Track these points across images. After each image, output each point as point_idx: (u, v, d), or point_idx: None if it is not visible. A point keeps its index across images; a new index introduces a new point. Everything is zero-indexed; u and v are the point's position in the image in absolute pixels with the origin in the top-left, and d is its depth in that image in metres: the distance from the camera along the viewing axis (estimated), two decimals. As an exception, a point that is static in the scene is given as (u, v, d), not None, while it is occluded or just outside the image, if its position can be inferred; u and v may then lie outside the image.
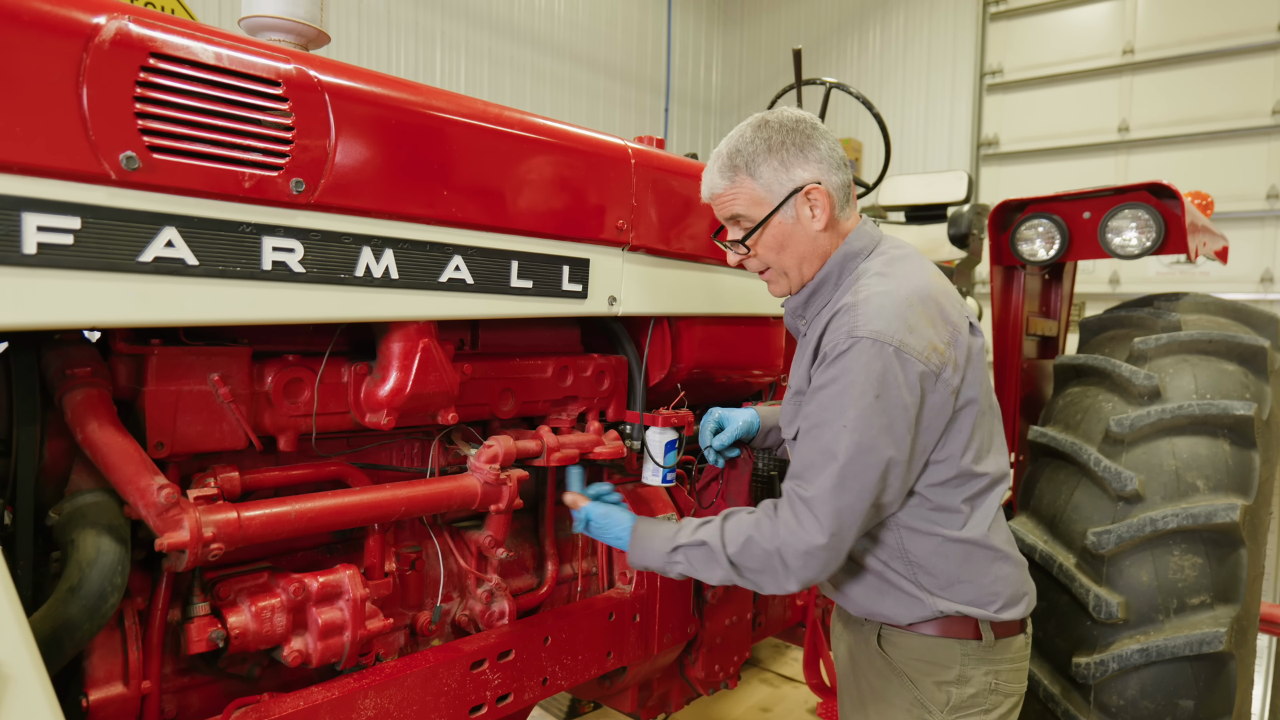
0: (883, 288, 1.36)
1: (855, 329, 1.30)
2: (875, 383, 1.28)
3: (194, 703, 1.30)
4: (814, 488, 1.31)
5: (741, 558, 1.37)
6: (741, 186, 1.42)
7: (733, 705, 3.58)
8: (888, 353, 1.28)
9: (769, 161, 1.39)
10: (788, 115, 1.43)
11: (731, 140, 1.44)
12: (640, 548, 1.49)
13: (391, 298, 1.35)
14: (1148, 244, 2.44)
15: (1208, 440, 2.12)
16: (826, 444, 1.30)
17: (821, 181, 1.41)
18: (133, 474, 1.12)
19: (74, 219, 1.00)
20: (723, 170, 1.43)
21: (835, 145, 1.44)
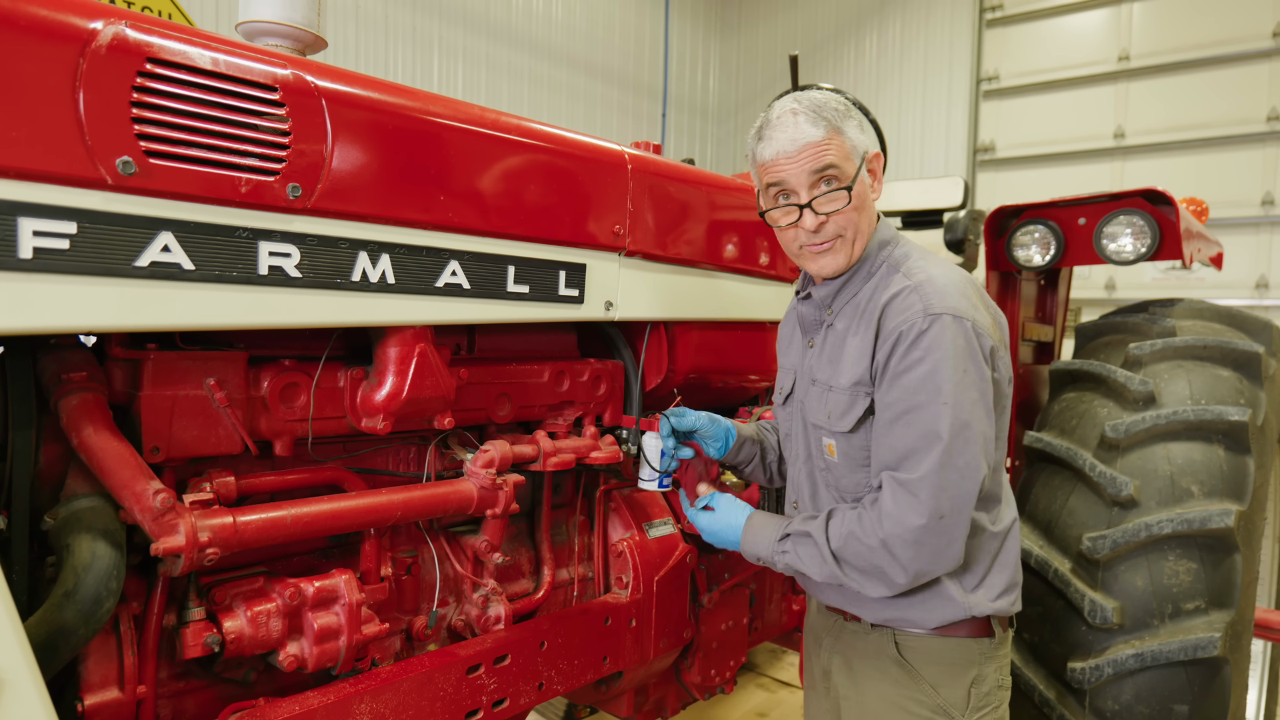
0: (936, 270, 1.38)
1: (930, 307, 1.30)
2: (964, 357, 1.28)
3: (189, 708, 1.29)
4: (919, 469, 1.28)
5: (845, 553, 1.35)
6: (834, 138, 1.38)
7: (729, 710, 3.57)
8: (967, 327, 1.30)
9: (850, 120, 1.39)
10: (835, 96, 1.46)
11: (808, 97, 1.40)
12: (753, 536, 1.49)
13: (388, 303, 1.35)
14: (1143, 250, 2.45)
15: (1202, 445, 2.13)
16: (927, 425, 1.28)
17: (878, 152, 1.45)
18: (128, 479, 1.12)
19: (70, 224, 1.00)
20: (812, 119, 1.37)
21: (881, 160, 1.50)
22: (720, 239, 2.02)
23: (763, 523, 1.51)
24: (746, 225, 2.11)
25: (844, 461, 1.45)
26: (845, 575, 1.36)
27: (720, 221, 2.01)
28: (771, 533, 1.47)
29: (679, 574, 1.98)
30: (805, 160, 1.37)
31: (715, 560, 2.23)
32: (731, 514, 1.55)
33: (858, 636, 1.53)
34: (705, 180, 1.99)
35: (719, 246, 2.02)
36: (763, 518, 1.53)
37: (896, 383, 1.32)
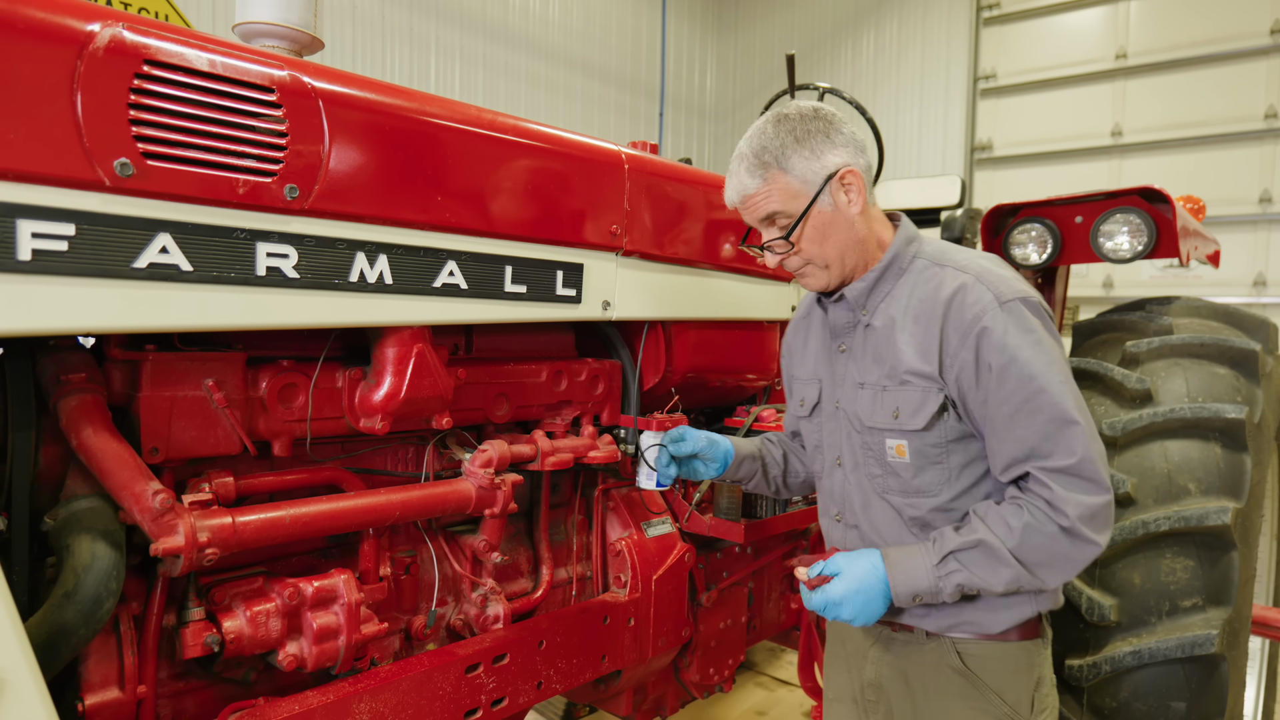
0: (985, 261, 1.37)
1: (1001, 295, 1.29)
2: (1047, 334, 1.29)
3: (189, 707, 1.30)
4: (1070, 453, 1.24)
5: (1023, 550, 1.26)
6: (774, 183, 1.36)
7: (728, 709, 3.58)
8: (1038, 308, 1.30)
9: (799, 152, 1.35)
10: (804, 106, 1.39)
11: (753, 139, 1.39)
12: (901, 572, 1.32)
13: (386, 303, 1.35)
14: (1139, 248, 2.46)
15: (1199, 443, 2.13)
16: (1055, 411, 1.24)
17: (852, 164, 1.37)
18: (127, 479, 1.12)
19: (68, 225, 1.00)
20: (751, 170, 1.37)
21: (855, 130, 1.42)
22: (717, 238, 2.03)
23: (903, 555, 1.35)
24: (743, 225, 2.11)
25: (915, 460, 1.38)
26: (1032, 573, 1.27)
27: (717, 221, 2.02)
28: (924, 560, 1.32)
29: (677, 573, 1.98)
30: (748, 211, 1.43)
31: (713, 559, 2.23)
32: (861, 566, 1.35)
33: (912, 648, 1.44)
34: (702, 180, 2.00)
35: (716, 246, 2.02)
36: (899, 552, 1.36)
37: (1004, 377, 1.27)
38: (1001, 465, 1.32)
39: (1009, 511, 1.29)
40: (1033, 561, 1.27)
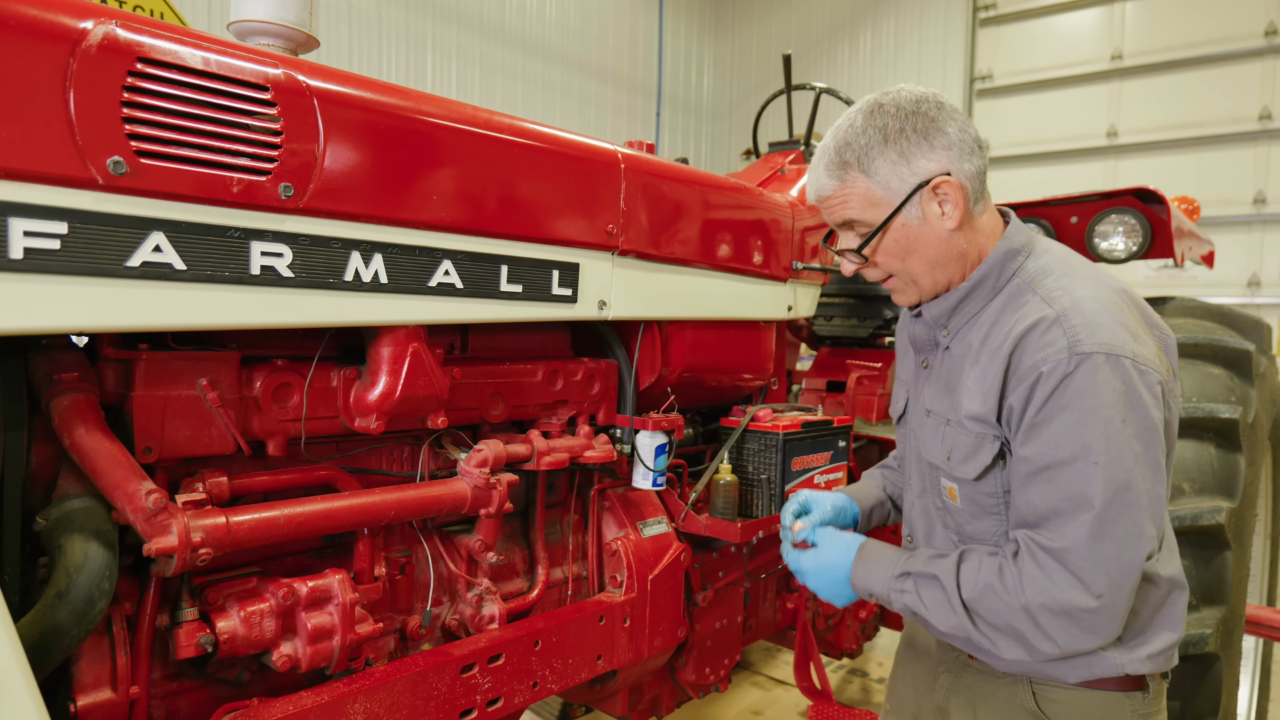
0: (1085, 291, 1.15)
1: (1078, 344, 1.09)
2: (1120, 405, 1.07)
3: (183, 708, 1.29)
4: (1064, 538, 1.10)
5: (979, 606, 1.17)
6: (854, 186, 1.22)
7: (724, 708, 3.58)
8: (1125, 366, 1.08)
9: (886, 154, 1.19)
10: (905, 96, 1.22)
11: (840, 131, 1.24)
12: (866, 568, 1.31)
13: (381, 302, 1.35)
14: (1134, 248, 2.47)
15: (1193, 443, 2.14)
16: (1073, 488, 1.09)
17: (952, 172, 1.19)
18: (120, 479, 1.12)
19: (61, 224, 1.00)
20: (831, 168, 1.23)
21: (967, 125, 1.22)
22: (714, 238, 2.03)
23: (878, 553, 1.32)
24: (740, 225, 2.12)
25: (968, 508, 1.27)
26: (978, 630, 1.18)
27: (714, 221, 2.02)
28: (888, 567, 1.29)
29: (673, 573, 1.98)
30: (827, 211, 1.30)
31: (709, 559, 2.23)
32: (837, 548, 1.35)
33: (985, 680, 1.33)
34: (699, 180, 2.00)
35: (713, 246, 2.02)
36: (879, 547, 1.33)
37: (1035, 434, 1.12)
38: (1012, 523, 1.22)
39: (985, 564, 1.19)
40: (986, 622, 1.18)
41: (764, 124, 3.30)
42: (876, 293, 3.28)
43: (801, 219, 2.38)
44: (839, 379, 3.31)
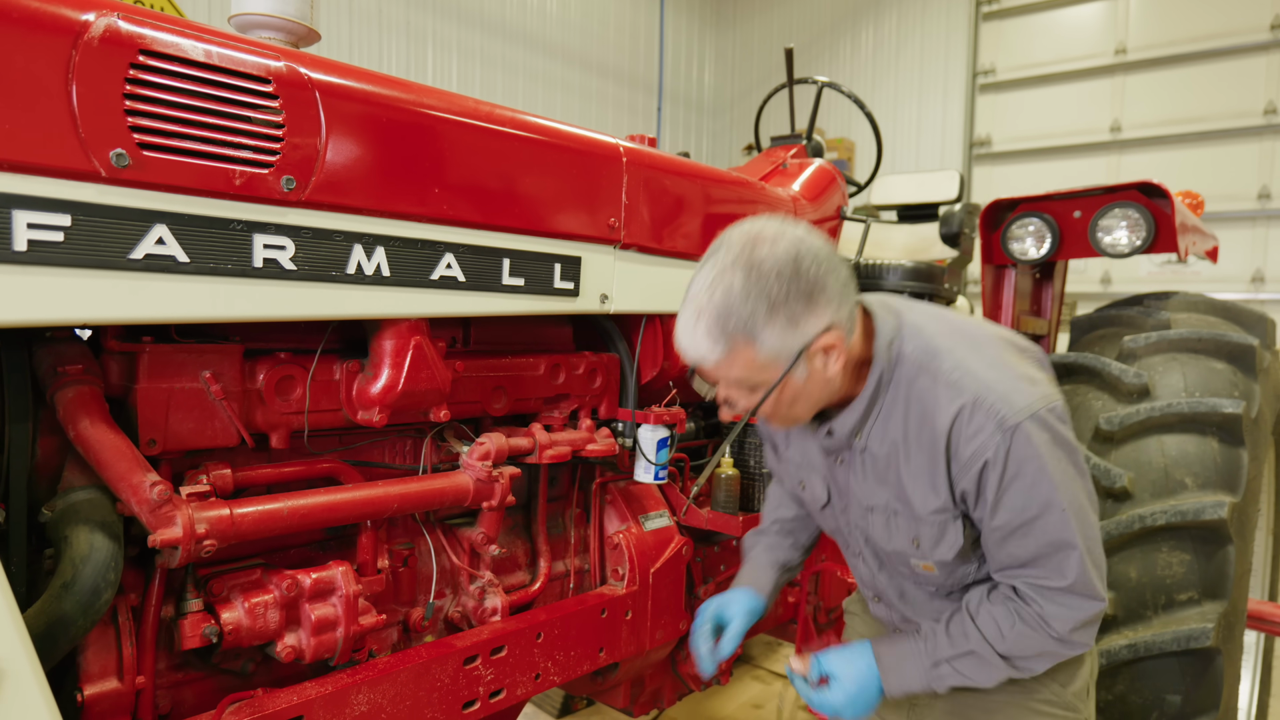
0: (977, 361, 1.22)
1: (1003, 421, 1.16)
2: (1056, 449, 1.18)
3: (188, 698, 1.30)
4: (1063, 576, 1.21)
5: (1015, 651, 1.27)
6: (739, 354, 1.15)
7: (725, 702, 3.59)
8: (1043, 417, 1.18)
9: (772, 324, 1.12)
10: (782, 254, 1.13)
11: (716, 295, 1.13)
12: (896, 676, 1.35)
13: (383, 295, 1.35)
14: (1138, 243, 2.46)
15: (1196, 438, 2.14)
16: (1050, 535, 1.20)
17: (834, 324, 1.16)
18: (125, 471, 1.12)
19: (64, 216, 1.00)
20: (712, 334, 1.14)
21: (840, 268, 1.18)
22: (716, 232, 2.01)
23: (897, 654, 1.35)
24: (741, 219, 2.11)
25: (943, 570, 1.34)
26: (1018, 669, 1.29)
27: (716, 215, 2.01)
28: (915, 663, 1.33)
29: (675, 566, 1.99)
30: (702, 371, 1.23)
31: (711, 553, 2.24)
32: (857, 671, 1.35)
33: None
34: (700, 173, 1.99)
35: (714, 239, 2.02)
36: (891, 649, 1.36)
37: (999, 507, 1.20)
38: (995, 568, 1.30)
39: (1001, 614, 1.27)
40: (1022, 658, 1.28)
41: (765, 119, 3.29)
42: (878, 287, 3.28)
43: (804, 213, 2.38)
44: (841, 374, 3.31)
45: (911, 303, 1.35)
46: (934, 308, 1.37)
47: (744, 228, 1.20)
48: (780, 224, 1.19)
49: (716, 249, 1.19)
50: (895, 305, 1.34)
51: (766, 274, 1.12)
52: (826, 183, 2.57)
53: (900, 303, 1.35)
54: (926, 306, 1.36)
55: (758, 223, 1.19)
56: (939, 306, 1.40)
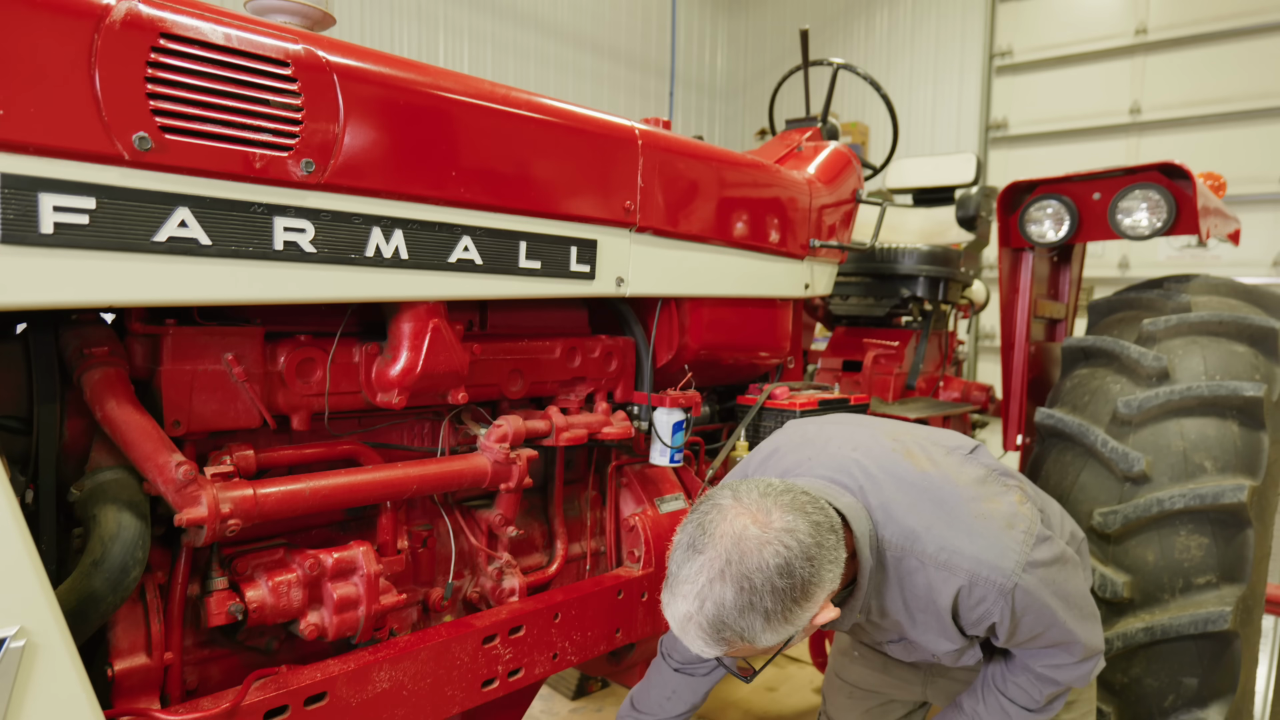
0: (950, 536, 1.25)
1: (1001, 588, 1.23)
2: (1051, 581, 1.28)
3: (214, 674, 1.32)
4: (1073, 656, 1.35)
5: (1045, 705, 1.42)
6: (735, 649, 1.16)
7: (738, 684, 3.61)
8: (1033, 562, 1.25)
9: (768, 628, 1.11)
10: (771, 565, 1.09)
11: (708, 607, 1.10)
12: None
13: (401, 278, 1.36)
14: (1158, 224, 2.43)
15: (1216, 421, 2.12)
16: (1058, 639, 1.32)
17: (829, 594, 1.17)
18: (151, 451, 1.14)
19: (89, 199, 1.01)
20: (706, 639, 1.13)
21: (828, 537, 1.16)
22: (731, 215, 2.02)
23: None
24: (758, 201, 2.11)
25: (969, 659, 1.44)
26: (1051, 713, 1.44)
27: (731, 198, 2.01)
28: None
29: (691, 548, 1.99)
30: None
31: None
32: None
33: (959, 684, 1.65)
34: (716, 156, 1.99)
35: (730, 223, 2.02)
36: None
37: (1012, 639, 1.32)
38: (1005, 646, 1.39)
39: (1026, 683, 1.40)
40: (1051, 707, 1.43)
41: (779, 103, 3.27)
42: (894, 271, 3.26)
43: (819, 196, 2.37)
44: (855, 358, 3.31)
45: (863, 460, 1.33)
46: (884, 450, 1.35)
47: (728, 522, 1.13)
48: (764, 515, 1.13)
49: (698, 537, 1.13)
50: (855, 479, 1.31)
51: (759, 588, 1.09)
52: (842, 165, 2.55)
53: (856, 469, 1.32)
54: (880, 455, 1.34)
55: (740, 518, 1.13)
56: (887, 440, 1.39)
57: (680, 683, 1.62)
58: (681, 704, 1.63)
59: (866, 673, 1.76)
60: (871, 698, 1.77)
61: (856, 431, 1.44)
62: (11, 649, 0.93)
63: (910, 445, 1.38)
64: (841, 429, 1.46)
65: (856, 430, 1.44)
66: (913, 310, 3.37)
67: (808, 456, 1.40)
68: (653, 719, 1.64)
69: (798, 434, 1.50)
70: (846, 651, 1.82)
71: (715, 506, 1.17)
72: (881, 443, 1.38)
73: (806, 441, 1.45)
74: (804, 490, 1.21)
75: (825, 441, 1.42)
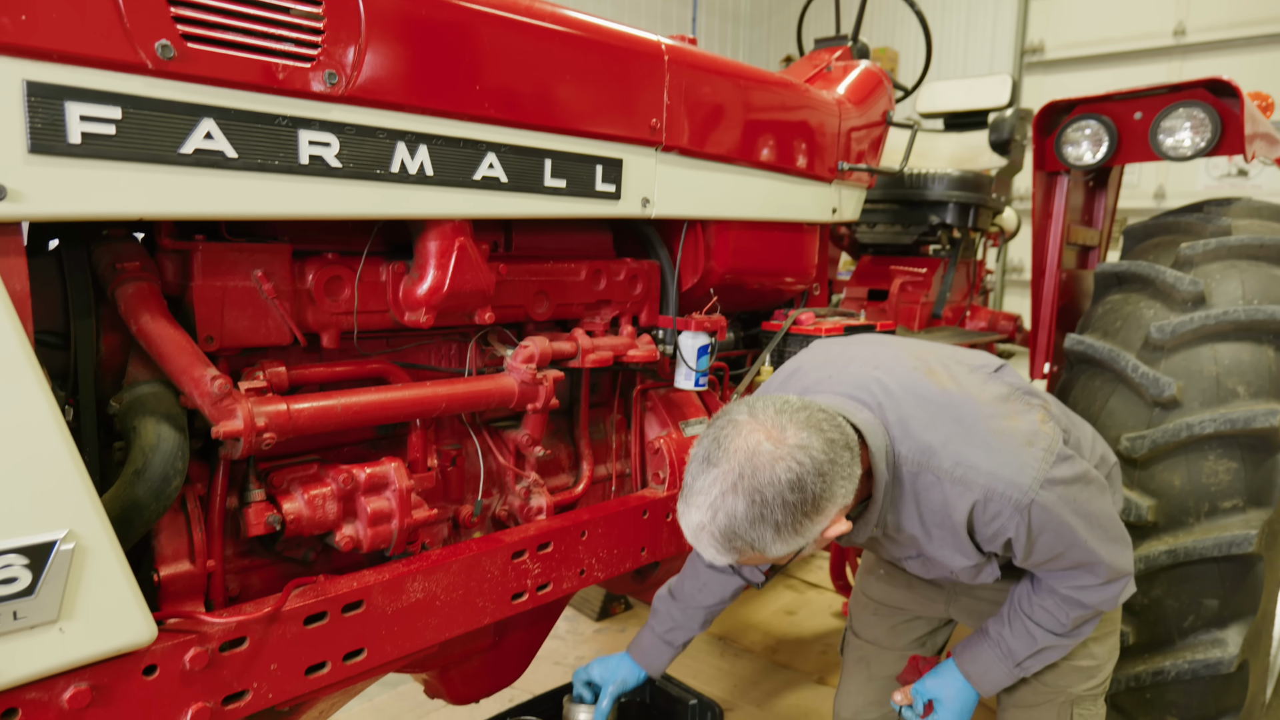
0: (968, 451, 1.25)
1: (1017, 503, 1.23)
2: (1071, 499, 1.26)
3: (254, 583, 1.37)
4: (1098, 577, 1.34)
5: (1073, 628, 1.42)
6: (747, 558, 1.19)
7: (759, 608, 3.70)
8: (1051, 478, 1.24)
9: (780, 539, 1.14)
10: (783, 480, 1.11)
11: (720, 518, 1.13)
12: (986, 682, 1.51)
13: (427, 194, 1.35)
14: (1201, 144, 2.35)
15: (1252, 346, 2.08)
16: (1080, 559, 1.32)
17: (842, 508, 1.19)
18: (186, 365, 1.16)
19: (115, 109, 1.00)
20: (719, 548, 1.17)
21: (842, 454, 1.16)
22: (759, 136, 1.97)
23: (981, 668, 1.51)
24: (787, 122, 2.05)
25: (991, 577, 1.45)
26: (1083, 635, 1.45)
27: (760, 117, 1.96)
28: (1002, 667, 1.49)
29: (715, 471, 2.01)
30: None
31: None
32: (955, 688, 1.53)
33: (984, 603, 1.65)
34: (744, 74, 1.93)
35: (758, 144, 1.97)
36: (972, 664, 1.51)
37: (1030, 555, 1.31)
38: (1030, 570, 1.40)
39: (1052, 605, 1.40)
40: (1080, 630, 1.44)
41: (806, 26, 3.16)
42: (923, 198, 3.19)
43: (849, 118, 2.30)
44: (881, 287, 3.27)
45: (883, 378, 1.33)
46: (906, 369, 1.35)
47: (742, 437, 1.14)
48: (778, 431, 1.14)
49: (713, 452, 1.15)
50: (874, 396, 1.31)
51: (770, 501, 1.11)
52: (873, 86, 2.47)
53: (876, 387, 1.32)
54: (901, 374, 1.34)
55: (754, 434, 1.14)
56: (909, 359, 1.38)
57: (711, 577, 1.69)
58: (712, 596, 1.70)
59: (891, 590, 1.79)
60: (896, 614, 1.80)
61: (879, 350, 1.43)
62: (62, 551, 0.96)
63: (932, 363, 1.37)
64: (864, 348, 1.46)
65: (879, 349, 1.44)
66: (941, 238, 3.31)
67: (829, 375, 1.40)
68: (685, 605, 1.71)
69: (821, 354, 1.50)
70: (872, 569, 1.85)
71: (731, 422, 1.18)
72: (903, 361, 1.38)
73: (829, 360, 1.45)
74: (820, 408, 1.21)
75: (847, 361, 1.42)
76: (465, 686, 1.85)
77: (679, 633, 1.73)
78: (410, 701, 2.93)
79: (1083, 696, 1.59)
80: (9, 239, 0.97)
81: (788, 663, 3.23)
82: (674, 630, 1.72)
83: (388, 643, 1.37)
